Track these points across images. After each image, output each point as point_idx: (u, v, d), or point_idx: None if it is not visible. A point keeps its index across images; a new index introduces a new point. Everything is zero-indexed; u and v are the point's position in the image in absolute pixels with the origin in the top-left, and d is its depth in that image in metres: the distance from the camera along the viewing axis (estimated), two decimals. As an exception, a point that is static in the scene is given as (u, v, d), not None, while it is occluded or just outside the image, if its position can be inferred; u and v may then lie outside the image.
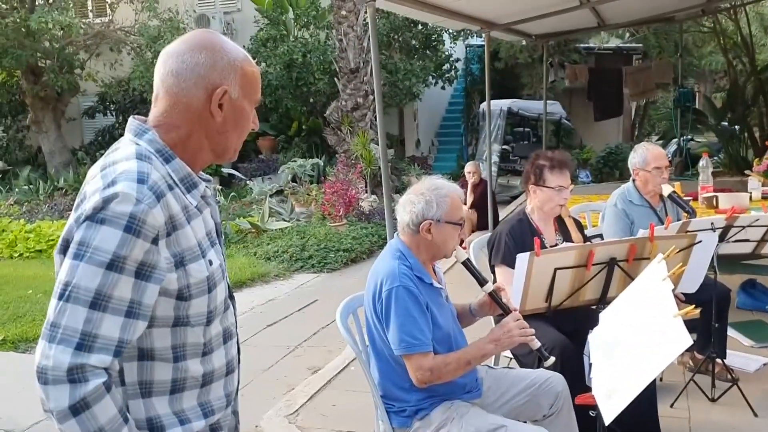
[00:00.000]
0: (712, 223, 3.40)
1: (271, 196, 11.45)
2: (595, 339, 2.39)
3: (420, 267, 2.56)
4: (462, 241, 2.52)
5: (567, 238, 3.42)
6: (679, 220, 4.10)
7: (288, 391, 4.47)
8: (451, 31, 14.84)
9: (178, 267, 1.39)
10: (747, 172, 6.26)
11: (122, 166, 1.37)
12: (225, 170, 13.30)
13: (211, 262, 1.47)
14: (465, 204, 8.59)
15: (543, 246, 3.00)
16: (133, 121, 1.49)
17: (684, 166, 12.25)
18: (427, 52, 15.09)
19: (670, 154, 13.31)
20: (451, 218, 2.53)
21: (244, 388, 1.59)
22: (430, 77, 15.11)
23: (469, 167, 8.86)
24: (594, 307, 3.07)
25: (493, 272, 3.41)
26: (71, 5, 14.16)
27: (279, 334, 5.80)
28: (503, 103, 13.41)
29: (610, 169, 14.38)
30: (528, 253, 2.80)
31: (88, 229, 1.30)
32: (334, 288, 7.30)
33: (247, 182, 13.11)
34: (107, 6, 15.55)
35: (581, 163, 14.95)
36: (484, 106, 14.43)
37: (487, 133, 9.25)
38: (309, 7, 14.24)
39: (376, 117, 12.22)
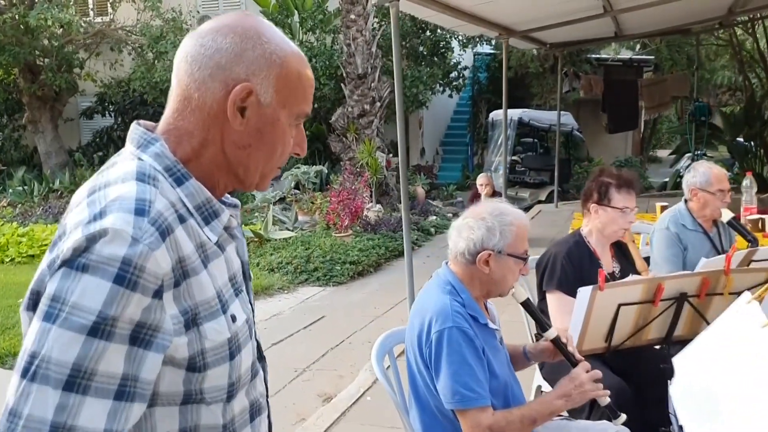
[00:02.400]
0: (782, 253, 3.05)
1: (274, 203, 11.08)
2: (682, 395, 2.03)
3: (473, 304, 2.20)
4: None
5: (626, 266, 3.07)
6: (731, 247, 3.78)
7: (298, 421, 4.11)
8: (460, 38, 14.53)
9: (190, 328, 1.03)
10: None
11: (116, 190, 1.02)
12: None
13: (234, 318, 1.11)
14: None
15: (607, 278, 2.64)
16: (136, 129, 1.12)
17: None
18: (435, 59, 14.77)
19: (684, 169, 13.02)
20: (514, 250, 2.17)
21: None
22: (438, 85, 14.78)
23: (481, 179, 8.52)
24: (658, 347, 2.71)
25: (543, 297, 3.05)
26: (71, 2, 13.79)
27: (285, 354, 5.41)
28: (514, 113, 13.08)
29: (620, 182, 14.05)
30: (590, 288, 2.44)
31: (65, 278, 0.94)
32: (341, 303, 6.93)
33: (249, 188, 12.73)
34: (108, 4, 15.20)
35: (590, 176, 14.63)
36: (493, 115, 14.15)
37: (504, 143, 8.91)
38: (315, 11, 13.90)
39: (382, 124, 12.04)
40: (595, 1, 7.06)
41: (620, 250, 3.18)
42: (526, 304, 2.27)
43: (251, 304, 1.24)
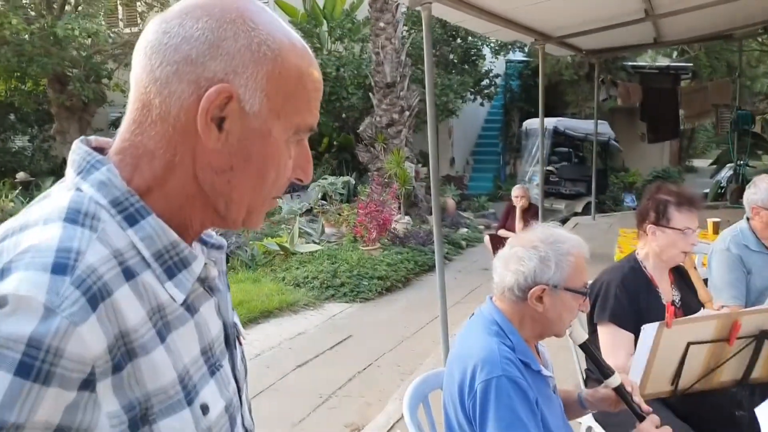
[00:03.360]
0: None
1: (300, 215, 10.84)
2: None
3: (525, 348, 1.88)
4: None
5: (687, 294, 2.72)
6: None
7: (322, 456, 3.82)
8: (492, 45, 14.21)
9: (138, 428, 0.74)
10: None
11: (33, 236, 0.73)
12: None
13: (206, 409, 0.82)
14: (514, 232, 7.97)
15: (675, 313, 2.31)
16: (78, 148, 0.84)
17: (740, 193, 11.44)
18: (466, 66, 14.45)
19: (725, 180, 12.50)
20: (572, 284, 1.84)
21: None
22: (468, 93, 14.45)
23: (516, 191, 8.15)
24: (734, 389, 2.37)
25: (593, 330, 2.72)
26: (100, 13, 13.78)
27: (310, 377, 5.13)
28: (549, 122, 12.65)
29: (657, 193, 13.59)
30: (656, 324, 2.11)
31: None
32: (368, 322, 6.63)
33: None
34: (138, 15, 15.18)
35: (627, 187, 14.18)
36: (526, 123, 13.78)
37: (541, 152, 8.54)
38: (344, 20, 13.70)
39: (411, 134, 11.75)
40: (636, 4, 6.72)
41: (680, 275, 2.84)
42: (586, 347, 1.95)
43: (236, 379, 0.93)
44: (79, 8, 13.52)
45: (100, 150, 0.84)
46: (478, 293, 7.60)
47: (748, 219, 3.33)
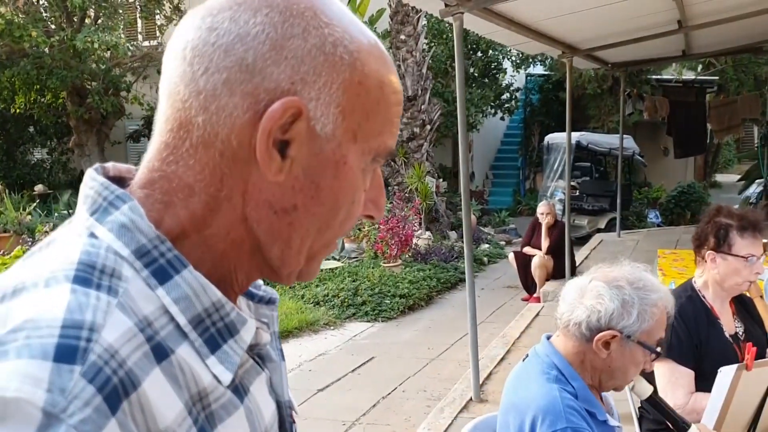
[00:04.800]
0: None
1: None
2: None
3: (589, 395, 1.67)
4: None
5: (751, 326, 2.49)
6: None
7: (347, 490, 3.60)
8: (513, 59, 14.02)
9: None
10: None
11: (28, 304, 0.53)
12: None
13: None
14: (540, 249, 7.74)
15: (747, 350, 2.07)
16: (93, 179, 0.64)
17: (770, 209, 11.14)
18: (486, 80, 14.27)
19: (755, 196, 12.19)
20: (648, 339, 1.64)
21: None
22: (489, 107, 14.26)
23: (542, 207, 7.93)
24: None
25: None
26: (120, 26, 13.77)
27: (332, 402, 4.92)
28: (572, 136, 12.41)
29: (682, 209, 13.31)
30: (734, 366, 1.89)
31: None
32: (391, 342, 6.41)
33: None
34: (157, 28, 15.18)
35: (651, 203, 13.89)
36: (548, 138, 13.53)
37: (568, 167, 8.32)
38: (364, 32, 13.59)
39: (432, 148, 11.57)
40: (669, 15, 6.50)
41: (743, 305, 2.60)
42: (654, 402, 1.73)
43: None
44: (99, 21, 13.52)
45: (120, 181, 0.64)
46: (502, 312, 7.38)
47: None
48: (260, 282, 0.75)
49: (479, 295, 7.91)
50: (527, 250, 7.89)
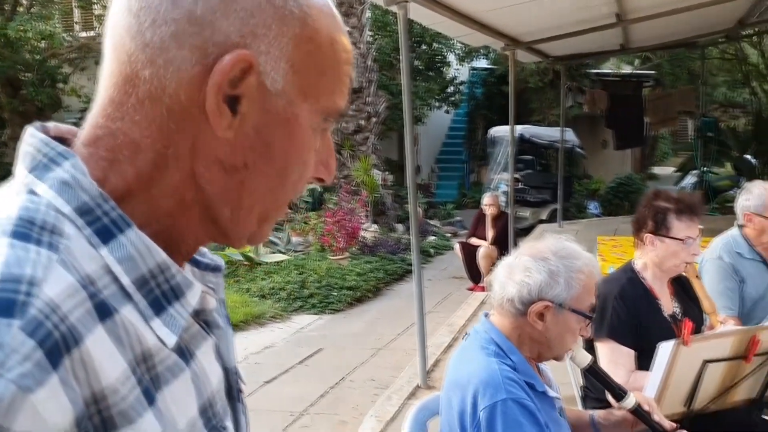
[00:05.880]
0: None
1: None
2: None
3: (527, 367, 1.71)
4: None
5: (689, 306, 2.57)
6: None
7: (296, 480, 3.58)
8: (457, 52, 14.14)
9: None
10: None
11: None
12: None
13: None
14: (485, 240, 7.84)
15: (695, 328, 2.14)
16: (32, 136, 0.61)
17: (705, 199, 11.56)
18: (431, 73, 14.35)
19: (690, 187, 12.61)
20: (579, 305, 1.68)
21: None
22: (434, 100, 14.35)
23: (486, 199, 8.05)
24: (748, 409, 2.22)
25: (589, 347, 2.55)
26: (55, 15, 13.32)
27: (279, 394, 4.88)
28: (515, 129, 12.61)
29: (621, 200, 13.68)
30: (673, 342, 1.95)
31: None
32: (339, 334, 6.40)
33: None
34: (94, 18, 14.73)
35: (590, 194, 14.23)
36: (492, 131, 13.70)
37: (511, 160, 8.45)
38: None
39: (378, 141, 11.58)
40: (608, 9, 6.67)
41: (681, 286, 2.69)
42: (593, 371, 1.78)
43: None
44: (33, 9, 13.05)
45: (62, 142, 0.61)
46: (449, 301, 7.45)
47: (740, 226, 3.22)
48: (206, 250, 0.74)
49: (426, 285, 7.94)
50: (472, 240, 7.99)
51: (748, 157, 12.21)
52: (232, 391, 0.71)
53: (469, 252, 7.87)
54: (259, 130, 0.61)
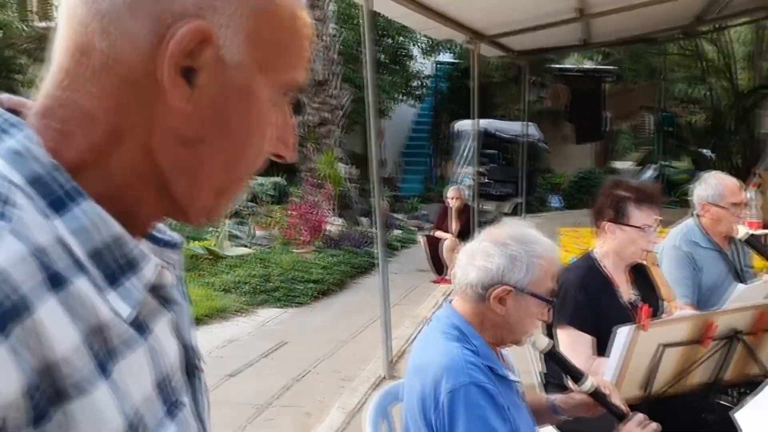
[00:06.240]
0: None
1: (228, 217, 10.45)
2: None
3: (488, 352, 1.73)
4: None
5: (647, 293, 2.62)
6: (747, 267, 3.40)
7: (260, 472, 3.57)
8: (422, 46, 14.16)
9: None
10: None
11: None
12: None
13: None
14: (450, 233, 7.88)
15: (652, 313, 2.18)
16: None
17: (663, 192, 11.79)
18: (396, 67, 14.35)
19: (649, 180, 12.86)
20: (539, 290, 1.70)
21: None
22: (399, 94, 14.36)
23: (451, 192, 8.09)
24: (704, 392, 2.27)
25: (551, 334, 2.58)
26: (11, 4, 12.99)
27: (243, 388, 4.84)
28: (479, 123, 12.70)
29: (582, 194, 13.89)
30: (631, 327, 1.99)
31: None
32: (304, 327, 6.38)
33: (201, 201, 12.06)
34: (51, 8, 14.39)
35: (553, 188, 14.41)
36: (457, 125, 13.77)
37: (476, 154, 8.52)
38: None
39: (343, 134, 11.56)
40: (569, 3, 6.74)
41: (640, 274, 2.74)
42: (552, 354, 1.81)
43: (201, 420, 0.71)
44: (-14, -2, 12.71)
45: (16, 113, 0.60)
46: (414, 294, 7.48)
47: (697, 216, 3.30)
48: (165, 227, 0.73)
49: (392, 278, 7.93)
50: (438, 233, 8.03)
51: (706, 151, 12.49)
52: (190, 368, 0.70)
53: (434, 245, 7.91)
54: (216, 104, 0.60)
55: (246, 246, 8.99)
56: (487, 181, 13.08)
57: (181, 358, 0.68)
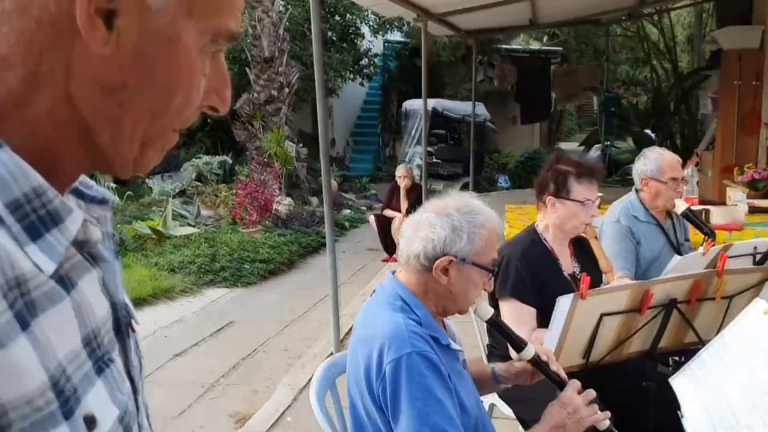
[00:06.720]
0: (755, 248, 2.75)
1: (173, 196, 10.25)
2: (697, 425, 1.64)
3: (432, 321, 1.74)
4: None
5: (587, 265, 2.67)
6: (686, 240, 3.50)
7: (207, 450, 3.54)
8: (371, 24, 14.07)
9: None
10: (725, 181, 5.82)
11: None
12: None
13: (92, 422, 0.57)
14: (400, 211, 7.89)
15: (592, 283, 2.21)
16: None
17: (607, 172, 12.05)
18: (345, 45, 14.23)
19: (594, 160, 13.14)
20: (481, 260, 1.71)
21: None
22: (348, 72, 14.25)
23: (400, 171, 8.09)
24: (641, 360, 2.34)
25: (496, 306, 2.62)
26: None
27: (189, 367, 4.79)
28: (428, 103, 12.72)
29: (529, 174, 14.08)
30: (571, 296, 2.02)
31: None
32: (252, 307, 6.33)
33: (146, 180, 11.78)
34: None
35: (500, 168, 14.57)
36: (406, 104, 13.78)
37: (424, 133, 8.52)
38: (217, -9, 13.06)
39: (290, 112, 11.41)
40: (517, -18, 6.79)
41: (580, 247, 2.79)
42: (494, 323, 1.83)
43: (131, 378, 0.68)
44: None
45: None
46: (363, 273, 7.49)
47: (637, 191, 3.37)
48: (93, 183, 0.70)
49: (341, 258, 7.98)
50: (387, 212, 8.03)
51: (648, 131, 12.79)
52: (121, 326, 0.68)
53: (384, 224, 7.91)
54: (138, 49, 0.57)
55: (192, 226, 8.83)
56: (436, 160, 13.15)
57: (111, 316, 0.66)
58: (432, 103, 13.08)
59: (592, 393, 1.77)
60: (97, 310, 0.62)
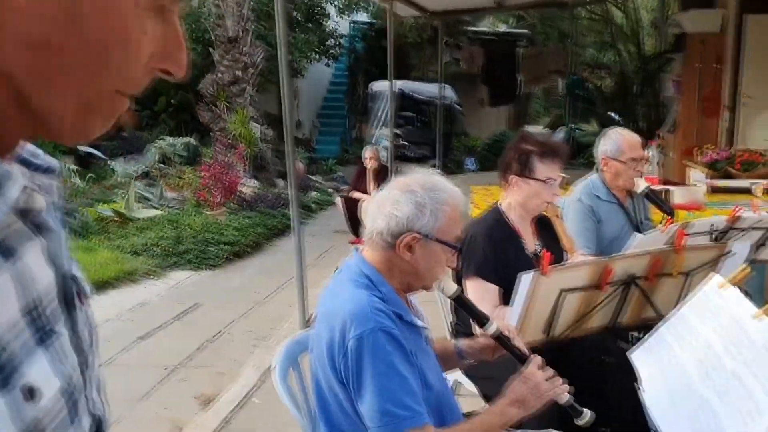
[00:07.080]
0: (712, 225, 2.81)
1: (136, 179, 10.09)
2: (653, 400, 1.68)
3: (396, 298, 1.74)
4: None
5: (550, 243, 2.70)
6: (647, 219, 3.56)
7: (173, 431, 3.51)
8: (337, 3, 13.94)
9: None
10: (686, 162, 5.92)
11: None
12: (82, 148, 11.61)
13: (31, 393, 0.55)
14: (367, 193, 7.88)
15: (551, 260, 2.23)
16: None
17: (572, 154, 12.19)
18: (310, 25, 14.09)
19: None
20: (445, 236, 1.72)
21: (114, 427, 0.73)
22: (314, 53, 14.13)
23: (367, 152, 8.07)
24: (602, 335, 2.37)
25: (459, 283, 2.63)
26: None
27: (154, 350, 4.74)
28: (395, 85, 12.70)
29: (496, 156, 14.14)
30: (532, 272, 2.04)
31: None
32: (217, 289, 6.28)
33: (108, 162, 11.56)
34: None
35: (468, 151, 14.63)
36: (373, 86, 13.71)
37: (392, 115, 8.51)
38: (180, -31, 12.80)
39: (256, 93, 11.28)
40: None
41: (543, 225, 2.82)
42: (459, 299, 1.84)
43: (79, 351, 0.66)
44: None
45: None
46: (330, 255, 7.48)
47: (598, 170, 3.41)
48: (40, 152, 0.67)
49: (308, 240, 7.91)
50: (354, 194, 8.01)
51: (613, 114, 12.94)
52: (70, 298, 0.66)
53: (351, 206, 7.89)
54: (62, 1, 0.54)
55: (156, 208, 8.72)
56: (403, 143, 13.14)
57: (58, 287, 0.64)
58: (399, 84, 13.04)
59: (551, 371, 1.80)
60: (39, 280, 0.60)
